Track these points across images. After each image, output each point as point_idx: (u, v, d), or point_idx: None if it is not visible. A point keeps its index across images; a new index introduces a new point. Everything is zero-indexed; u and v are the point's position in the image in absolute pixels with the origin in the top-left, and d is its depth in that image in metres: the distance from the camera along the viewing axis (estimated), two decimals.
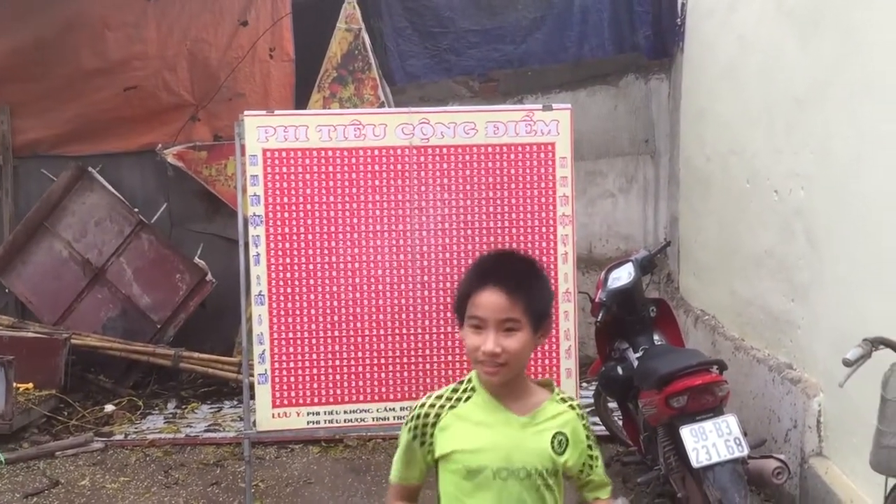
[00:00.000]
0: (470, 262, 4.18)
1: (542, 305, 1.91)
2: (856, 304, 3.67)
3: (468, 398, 1.94)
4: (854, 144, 3.72)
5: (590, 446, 1.97)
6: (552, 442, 1.90)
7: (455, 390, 1.97)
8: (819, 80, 4.10)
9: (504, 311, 1.82)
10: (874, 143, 3.53)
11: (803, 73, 4.29)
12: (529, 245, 4.19)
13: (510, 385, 1.91)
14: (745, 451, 3.63)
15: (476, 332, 1.85)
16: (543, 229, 4.18)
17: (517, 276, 1.88)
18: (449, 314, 4.19)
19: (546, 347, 4.21)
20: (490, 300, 1.82)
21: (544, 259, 4.19)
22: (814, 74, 4.16)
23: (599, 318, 4.63)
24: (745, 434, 3.73)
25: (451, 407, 1.94)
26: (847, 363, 2.72)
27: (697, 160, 6.22)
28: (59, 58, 7.43)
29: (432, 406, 1.95)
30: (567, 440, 1.92)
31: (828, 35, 4.02)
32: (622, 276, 4.69)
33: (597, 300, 4.73)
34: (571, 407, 1.97)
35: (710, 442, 3.67)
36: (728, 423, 3.70)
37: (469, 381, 1.97)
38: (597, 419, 5.34)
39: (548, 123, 4.17)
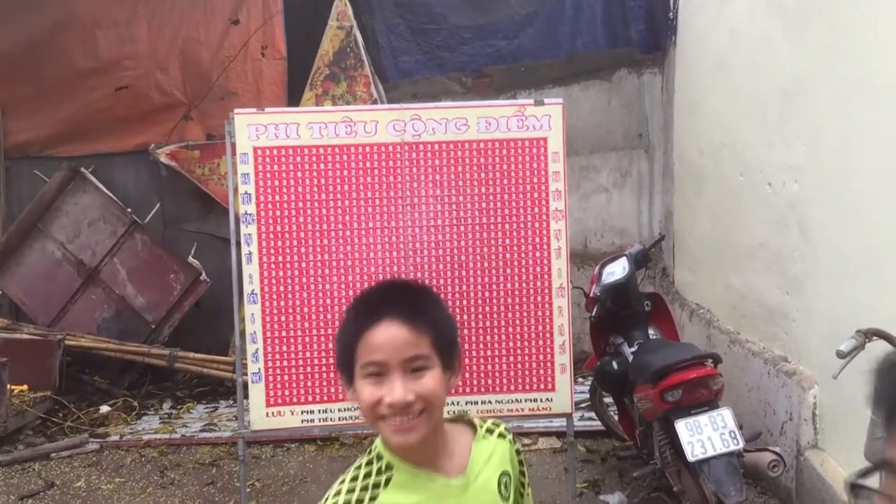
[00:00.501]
0: (463, 258, 4.18)
1: (450, 334, 1.53)
2: (849, 295, 3.67)
3: (387, 480, 1.48)
4: (845, 137, 3.71)
5: (522, 472, 1.66)
6: (499, 488, 1.55)
7: (367, 475, 1.50)
8: (809, 74, 4.09)
9: (409, 346, 1.43)
10: (864, 136, 3.53)
11: (793, 67, 4.29)
12: (522, 240, 4.18)
13: (430, 441, 1.48)
14: (741, 445, 3.63)
15: (374, 383, 1.43)
16: (536, 224, 4.17)
17: (415, 303, 1.49)
18: None
19: (540, 343, 4.20)
20: (388, 336, 1.42)
21: (538, 254, 4.18)
22: (804, 67, 4.16)
23: (594, 313, 4.63)
24: (740, 427, 3.73)
25: (372, 500, 1.46)
26: (840, 355, 2.71)
27: (691, 154, 6.22)
28: (50, 58, 7.41)
29: None
30: (510, 476, 1.58)
31: (817, 29, 4.01)
32: (616, 270, 4.69)
33: (591, 295, 4.72)
34: (500, 435, 1.61)
35: (705, 435, 3.66)
36: (723, 417, 3.70)
37: (378, 456, 1.52)
38: (593, 414, 5.34)
39: (539, 118, 4.16)
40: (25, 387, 6.20)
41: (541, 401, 4.23)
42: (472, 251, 4.16)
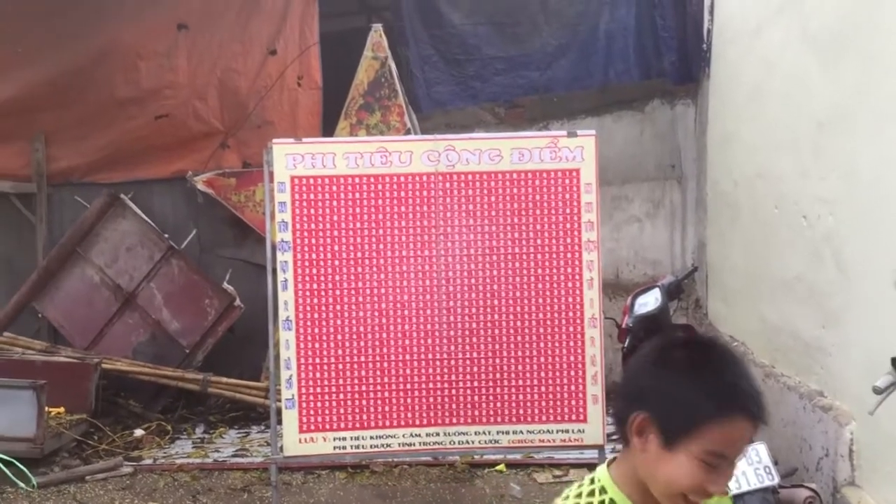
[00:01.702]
0: (495, 287, 4.20)
1: None
2: (886, 329, 3.63)
3: None
4: (880, 169, 3.69)
5: None
6: None
7: None
8: (844, 105, 4.08)
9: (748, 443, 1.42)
10: None
11: (828, 98, 4.28)
12: (555, 270, 4.19)
13: None
14: (776, 480, 3.59)
15: (707, 470, 1.36)
16: (569, 255, 4.19)
17: (760, 395, 1.44)
18: (474, 339, 4.19)
19: (572, 374, 4.19)
20: (746, 436, 1.40)
21: (570, 285, 4.19)
22: (838, 99, 4.15)
23: (626, 344, 4.62)
24: (775, 463, 3.68)
25: None
26: (877, 391, 2.69)
27: (724, 185, 6.20)
28: (92, 87, 7.59)
29: None
30: None
31: (851, 60, 4.01)
32: (649, 301, 4.68)
33: (623, 326, 4.72)
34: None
35: (739, 470, 3.62)
36: (758, 451, 3.66)
37: (602, 490, 1.49)
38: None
39: (572, 150, 4.19)
40: (62, 409, 6.29)
41: (572, 432, 4.22)
42: (505, 281, 4.18)
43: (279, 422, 4.32)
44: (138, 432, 6.56)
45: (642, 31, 7.63)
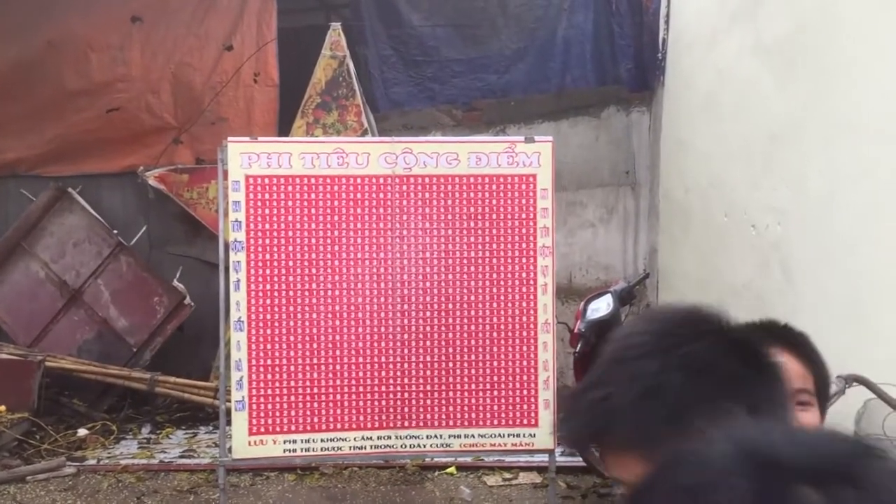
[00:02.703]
0: (450, 291, 4.20)
1: None
2: (831, 339, 3.70)
3: None
4: (829, 180, 3.78)
5: None
6: None
7: None
8: (795, 117, 4.17)
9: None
10: (848, 179, 3.60)
11: (780, 110, 4.37)
12: (509, 275, 4.21)
13: None
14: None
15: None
16: (524, 260, 4.20)
17: None
18: (428, 342, 4.18)
19: (524, 378, 4.21)
20: None
21: (524, 290, 4.21)
22: (790, 111, 4.24)
23: (578, 348, 4.66)
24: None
25: None
26: None
27: (677, 192, 6.29)
28: (41, 78, 7.41)
29: None
30: None
31: (804, 72, 4.09)
32: (601, 307, 4.73)
33: (576, 331, 4.76)
34: None
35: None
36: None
37: None
38: (574, 451, 5.34)
39: (529, 155, 4.21)
40: (3, 408, 6.12)
41: (524, 436, 4.24)
42: (459, 285, 4.18)
43: (228, 423, 4.27)
44: (82, 432, 6.42)
45: (600, 37, 7.70)
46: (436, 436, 4.12)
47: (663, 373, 0.99)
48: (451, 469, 5.55)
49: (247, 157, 4.11)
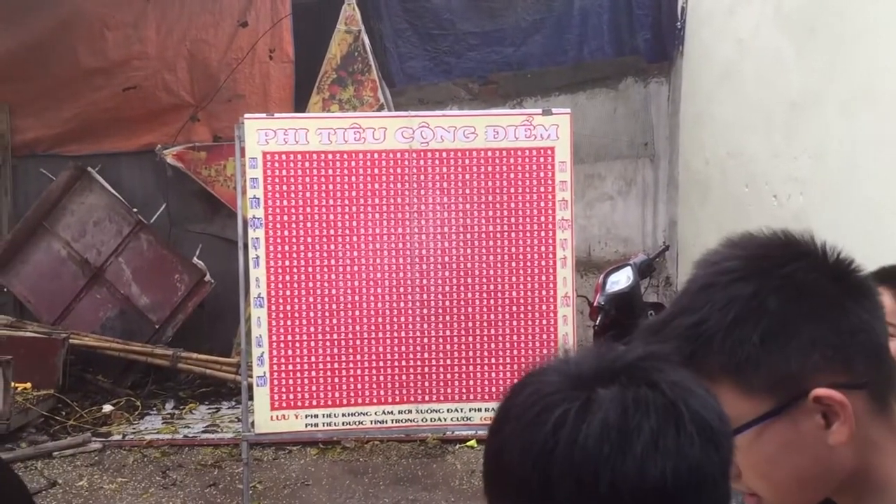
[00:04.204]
0: (469, 266, 4.19)
1: None
2: None
3: None
4: (850, 148, 3.74)
5: None
6: None
7: None
8: (815, 86, 4.11)
9: None
10: (869, 147, 3.55)
11: (800, 79, 4.31)
12: (528, 249, 4.20)
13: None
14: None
15: None
16: (542, 233, 4.19)
17: None
18: (447, 317, 4.19)
19: (544, 351, 4.21)
20: None
21: (543, 263, 4.20)
22: (810, 80, 4.18)
23: (598, 321, 4.66)
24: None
25: None
26: None
27: (696, 164, 6.24)
28: (58, 57, 7.43)
29: None
30: None
31: (824, 41, 4.03)
32: (621, 279, 4.72)
33: (595, 304, 4.75)
34: None
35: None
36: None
37: None
38: None
39: (547, 128, 4.18)
40: (29, 384, 6.21)
41: None
42: (478, 259, 4.18)
43: (251, 398, 4.31)
44: (107, 408, 6.51)
45: (617, 8, 7.61)
46: (456, 409, 4.14)
47: (759, 296, 0.96)
48: (472, 442, 5.58)
49: (264, 134, 4.11)
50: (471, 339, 4.16)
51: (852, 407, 0.93)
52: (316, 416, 4.18)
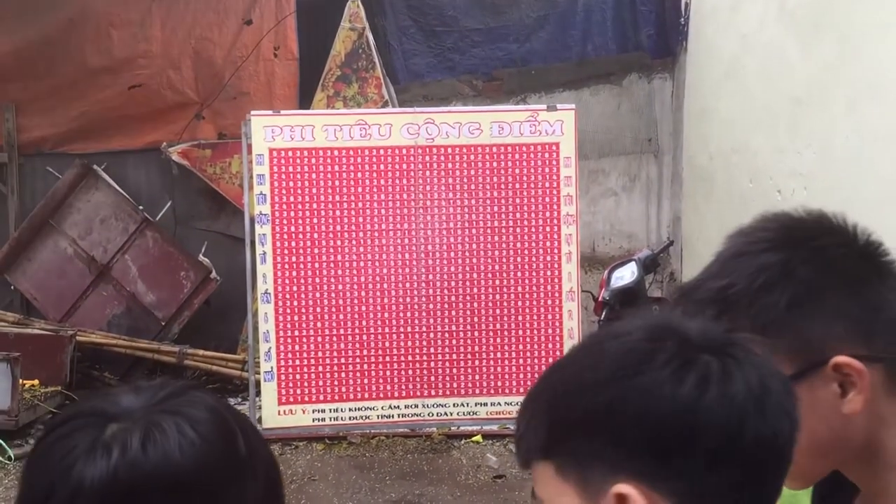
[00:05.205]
0: (474, 261, 4.21)
1: None
2: None
3: None
4: (854, 144, 3.75)
5: None
6: None
7: None
8: (820, 80, 4.12)
9: None
10: (874, 143, 3.56)
11: (805, 73, 4.32)
12: (533, 244, 4.21)
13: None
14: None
15: None
16: (547, 228, 4.21)
17: None
18: (453, 312, 4.21)
19: (549, 346, 4.24)
20: None
21: (548, 258, 4.22)
22: (815, 74, 4.19)
23: (602, 316, 4.67)
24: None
25: None
26: None
27: (700, 159, 6.25)
28: (63, 56, 7.46)
29: None
30: None
31: (828, 36, 4.04)
32: (625, 275, 4.73)
33: (600, 299, 4.76)
34: None
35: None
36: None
37: None
38: None
39: (552, 124, 4.20)
40: (37, 381, 6.24)
41: None
42: (484, 254, 4.20)
43: (258, 394, 4.33)
44: None
45: (621, 4, 7.61)
46: (462, 404, 4.16)
47: (789, 264, 0.99)
48: (478, 437, 5.60)
49: (270, 131, 4.14)
50: (476, 333, 4.18)
51: (870, 379, 0.96)
52: (323, 410, 4.21)
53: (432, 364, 4.20)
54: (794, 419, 0.84)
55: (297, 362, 4.18)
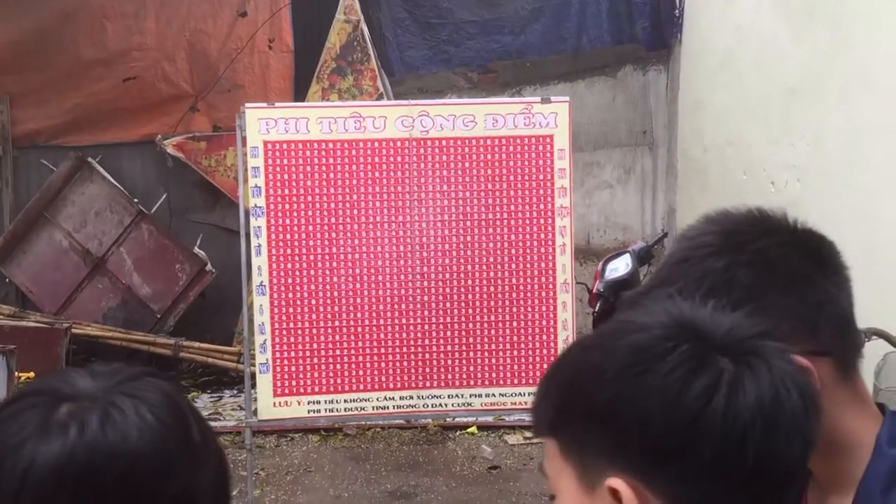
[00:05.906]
0: (469, 253, 4.23)
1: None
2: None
3: None
4: (848, 135, 3.76)
5: None
6: None
7: None
8: (813, 72, 4.14)
9: None
10: (867, 134, 3.58)
11: (798, 65, 4.33)
12: (528, 236, 4.23)
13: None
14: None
15: None
16: (541, 221, 4.22)
17: None
18: (448, 304, 4.22)
19: (544, 338, 4.26)
20: None
21: (542, 250, 4.23)
22: (809, 66, 4.20)
23: (597, 308, 4.68)
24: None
25: None
26: None
27: (695, 151, 6.26)
28: (58, 48, 7.44)
29: None
30: None
31: (822, 27, 4.05)
32: (619, 266, 4.74)
33: (594, 291, 4.78)
34: None
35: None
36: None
37: None
38: None
39: (546, 116, 4.20)
40: (32, 374, 6.23)
41: None
42: (478, 247, 4.21)
43: (253, 385, 4.35)
44: None
45: None
46: (457, 395, 4.18)
47: (731, 269, 1.01)
48: (473, 429, 5.63)
49: (264, 123, 4.14)
50: (471, 325, 4.20)
51: (818, 373, 0.98)
52: (318, 402, 4.22)
53: (427, 355, 4.21)
54: (809, 440, 0.82)
55: (293, 354, 4.19)
